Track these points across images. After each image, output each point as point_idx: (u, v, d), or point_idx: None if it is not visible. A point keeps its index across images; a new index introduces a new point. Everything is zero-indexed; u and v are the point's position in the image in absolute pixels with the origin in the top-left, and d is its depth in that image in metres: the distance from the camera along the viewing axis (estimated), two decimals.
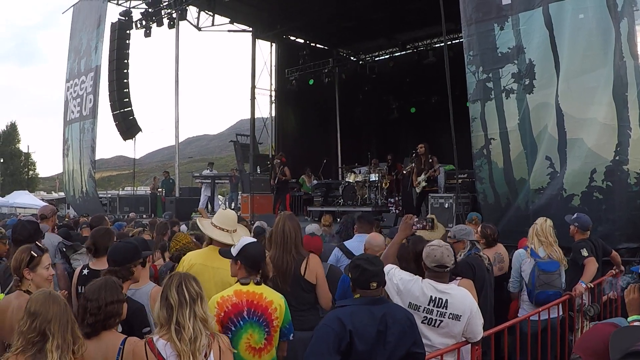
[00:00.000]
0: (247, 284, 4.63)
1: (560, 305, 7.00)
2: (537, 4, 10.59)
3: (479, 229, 8.66)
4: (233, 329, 4.45)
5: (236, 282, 4.71)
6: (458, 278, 5.62)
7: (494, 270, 7.50)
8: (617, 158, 9.65)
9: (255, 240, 5.01)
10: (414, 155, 16.24)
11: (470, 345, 4.90)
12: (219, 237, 5.69)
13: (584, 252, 7.37)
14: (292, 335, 4.80)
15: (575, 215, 8.09)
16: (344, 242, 7.99)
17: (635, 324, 4.21)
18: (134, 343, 3.83)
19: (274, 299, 4.66)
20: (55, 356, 3.31)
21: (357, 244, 7.60)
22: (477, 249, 6.97)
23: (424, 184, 15.42)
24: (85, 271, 5.55)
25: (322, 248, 7.16)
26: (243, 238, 4.95)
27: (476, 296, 5.36)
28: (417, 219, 5.79)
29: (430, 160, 15.49)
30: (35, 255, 4.69)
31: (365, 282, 4.24)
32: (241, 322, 4.50)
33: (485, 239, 8.31)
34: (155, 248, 8.28)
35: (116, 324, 3.96)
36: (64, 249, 7.80)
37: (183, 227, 11.97)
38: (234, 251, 4.76)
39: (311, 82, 26.25)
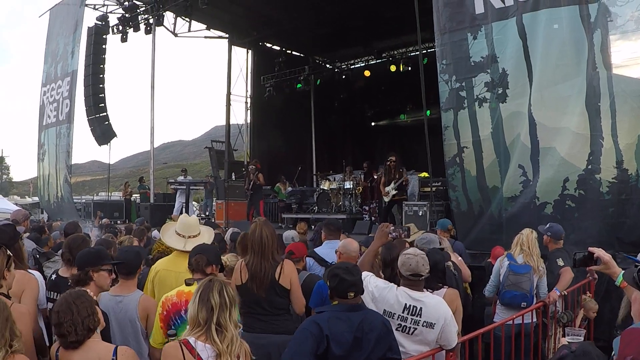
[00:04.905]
0: (191, 284, 4.67)
1: (535, 312, 7.09)
2: (510, 14, 10.68)
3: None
4: (172, 327, 4.54)
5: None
6: (446, 286, 5.66)
7: None
8: (589, 167, 9.77)
9: (202, 244, 5.13)
10: (388, 162, 16.30)
11: (444, 351, 4.94)
12: (173, 244, 5.87)
13: (560, 262, 7.47)
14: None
15: (547, 225, 8.18)
16: (315, 249, 8.01)
17: None
18: (126, 352, 3.86)
19: None
20: None
21: (327, 250, 7.64)
22: None
23: (393, 192, 15.42)
24: (54, 277, 5.57)
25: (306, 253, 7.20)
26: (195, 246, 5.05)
27: (461, 305, 5.42)
28: (392, 227, 5.82)
29: (401, 170, 15.49)
30: (10, 255, 4.69)
31: (343, 291, 4.30)
32: (179, 321, 4.57)
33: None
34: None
35: (96, 326, 3.93)
36: (37, 256, 7.75)
37: (155, 233, 11.94)
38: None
39: (286, 90, 26.31)
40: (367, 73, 27.29)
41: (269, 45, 28.10)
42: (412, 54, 25.23)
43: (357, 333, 4.16)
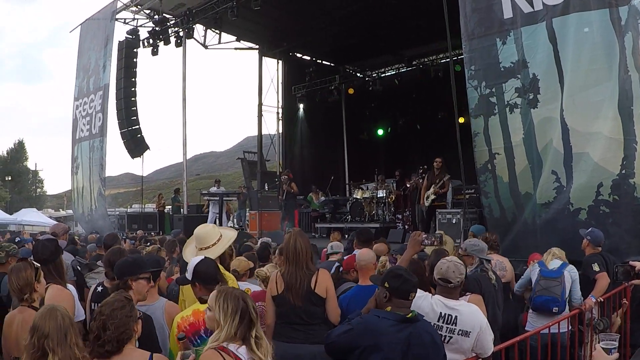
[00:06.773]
0: (207, 301, 4.67)
1: (570, 320, 7.03)
2: (540, 19, 10.58)
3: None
4: (192, 348, 4.49)
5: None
6: (468, 294, 5.64)
7: None
8: (623, 172, 9.62)
9: (202, 257, 5.05)
10: (421, 170, 16.28)
11: None
12: (187, 258, 5.92)
13: (595, 267, 7.41)
14: None
15: (589, 229, 8.15)
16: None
17: None
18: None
19: None
20: None
21: None
22: (484, 267, 6.86)
23: (432, 197, 15.37)
24: (100, 288, 5.65)
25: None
26: (192, 259, 5.00)
27: (485, 311, 5.39)
28: (425, 235, 5.83)
29: (443, 177, 15.41)
30: (38, 267, 4.78)
31: (406, 292, 4.31)
32: (199, 341, 4.54)
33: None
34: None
35: (130, 338, 3.90)
36: (79, 267, 7.91)
37: None
38: (188, 276, 4.83)
39: (317, 99, 26.44)
40: (397, 81, 27.25)
41: (299, 55, 28.29)
42: (442, 61, 25.13)
43: (404, 347, 4.13)
